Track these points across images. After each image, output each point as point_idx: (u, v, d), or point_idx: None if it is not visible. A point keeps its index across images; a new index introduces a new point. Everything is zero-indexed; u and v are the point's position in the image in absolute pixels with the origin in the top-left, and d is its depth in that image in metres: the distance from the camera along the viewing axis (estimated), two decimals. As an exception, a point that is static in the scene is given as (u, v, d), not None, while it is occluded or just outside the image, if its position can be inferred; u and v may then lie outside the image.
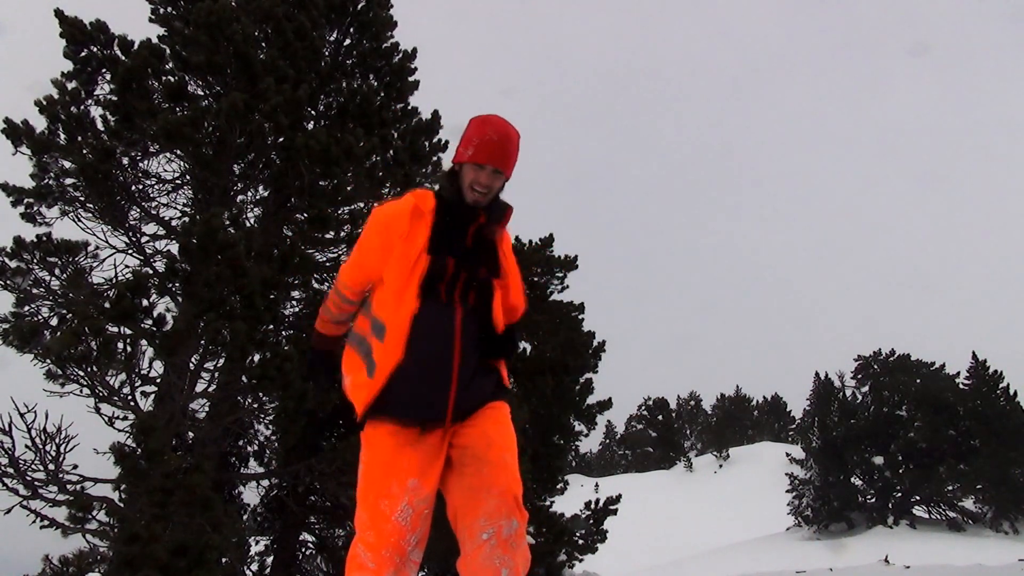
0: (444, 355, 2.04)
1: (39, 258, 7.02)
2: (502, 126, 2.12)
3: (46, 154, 7.10)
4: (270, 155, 7.57)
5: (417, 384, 2.03)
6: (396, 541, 1.94)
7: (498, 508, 1.95)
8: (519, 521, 1.98)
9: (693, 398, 66.29)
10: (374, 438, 2.07)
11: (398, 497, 1.97)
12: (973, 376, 30.38)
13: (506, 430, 2.11)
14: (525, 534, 2.03)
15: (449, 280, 2.07)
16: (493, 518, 1.94)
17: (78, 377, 6.05)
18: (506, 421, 2.14)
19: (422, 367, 2.03)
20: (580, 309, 13.15)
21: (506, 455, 2.05)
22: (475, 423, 2.07)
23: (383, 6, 9.26)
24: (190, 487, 5.25)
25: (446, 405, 2.03)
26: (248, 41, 7.15)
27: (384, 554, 1.94)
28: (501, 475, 2.00)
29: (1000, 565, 14.24)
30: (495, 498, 1.96)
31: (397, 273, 2.07)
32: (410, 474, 1.99)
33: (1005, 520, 26.96)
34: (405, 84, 9.31)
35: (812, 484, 30.51)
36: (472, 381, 2.08)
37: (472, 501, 1.98)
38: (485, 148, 2.08)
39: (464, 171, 2.12)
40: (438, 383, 2.03)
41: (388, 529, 1.95)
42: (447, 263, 2.06)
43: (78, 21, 7.34)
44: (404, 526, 1.95)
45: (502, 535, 1.93)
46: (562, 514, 11.33)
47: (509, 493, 1.97)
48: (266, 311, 5.91)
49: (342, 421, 8.45)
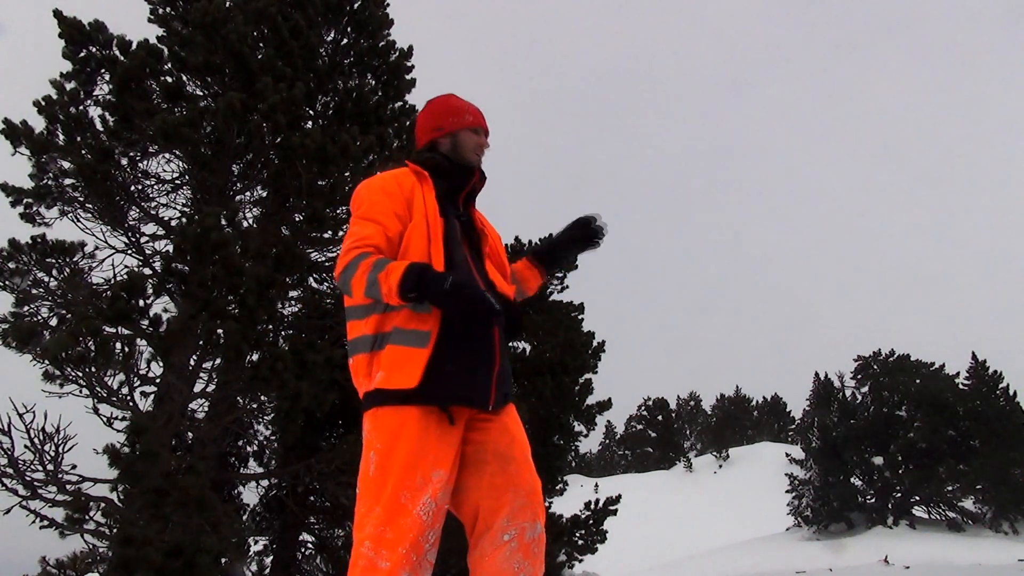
0: (484, 327, 1.92)
1: (36, 259, 7.02)
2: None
3: (45, 154, 7.10)
4: (268, 155, 7.57)
5: (462, 361, 1.88)
6: (416, 538, 1.77)
7: (523, 508, 1.87)
8: (542, 524, 1.91)
9: (693, 398, 66.27)
10: (393, 423, 1.85)
11: (421, 490, 1.79)
12: (973, 376, 30.35)
13: (521, 427, 2.04)
14: (545, 540, 1.93)
15: (463, 244, 2.04)
16: (517, 519, 1.86)
17: (76, 377, 6.05)
18: (518, 418, 2.07)
19: (469, 340, 1.90)
20: (580, 309, 13.14)
21: (527, 452, 1.98)
22: (491, 416, 1.97)
23: (379, 5, 9.27)
24: (184, 488, 5.24)
25: (489, 386, 1.92)
26: (243, 41, 7.15)
27: (401, 551, 1.75)
28: (528, 473, 1.92)
29: (1000, 565, 14.26)
30: (521, 497, 1.88)
31: (419, 235, 1.95)
32: (436, 465, 1.83)
33: (1005, 520, 26.92)
34: (402, 82, 9.32)
35: (812, 484, 30.46)
36: (505, 358, 2.00)
37: (496, 501, 1.87)
38: (476, 114, 2.24)
39: (462, 137, 2.21)
40: (482, 360, 1.92)
41: (407, 524, 1.77)
42: (456, 225, 2.05)
43: (77, 21, 7.34)
44: (425, 521, 1.79)
45: (524, 538, 1.85)
46: (561, 514, 11.34)
47: (535, 493, 1.91)
48: (260, 310, 5.90)
49: (341, 421, 8.45)
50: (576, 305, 13.15)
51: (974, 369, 30.38)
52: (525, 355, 11.08)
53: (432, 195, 2.05)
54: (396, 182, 2.05)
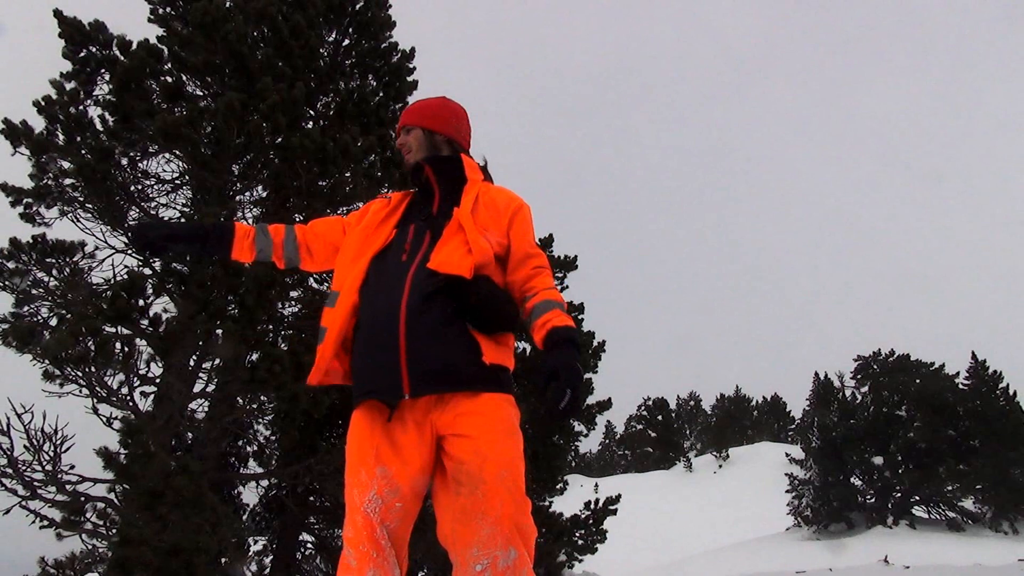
0: (390, 310, 1.86)
1: (37, 258, 7.01)
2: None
3: (45, 154, 7.09)
4: (268, 155, 7.57)
5: (369, 349, 1.90)
6: (370, 535, 1.76)
7: (492, 537, 1.73)
8: (518, 550, 1.75)
9: (693, 398, 66.21)
10: (352, 422, 1.92)
11: (367, 486, 1.79)
12: (973, 376, 30.36)
13: (505, 442, 1.83)
14: (528, 561, 1.79)
15: (411, 243, 2.01)
16: (488, 547, 1.73)
17: (76, 377, 6.05)
18: (505, 429, 1.85)
19: (370, 328, 1.91)
20: (580, 309, 13.12)
21: (504, 472, 1.78)
22: (466, 431, 1.81)
23: (381, 6, 9.27)
24: (180, 488, 5.24)
25: (398, 374, 1.82)
26: (243, 41, 7.15)
27: (362, 549, 1.75)
28: (497, 499, 1.75)
29: (999, 565, 14.25)
30: (489, 526, 1.73)
31: (357, 243, 2.07)
32: (381, 461, 1.81)
33: (1004, 520, 26.92)
34: (403, 84, 9.32)
35: (812, 484, 30.46)
36: (431, 340, 1.83)
37: (465, 527, 1.76)
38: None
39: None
40: (386, 344, 1.84)
41: (360, 521, 1.78)
42: (408, 229, 2.05)
43: (77, 21, 7.34)
44: (373, 518, 1.77)
45: (497, 567, 1.72)
46: (561, 514, 11.34)
47: (506, 520, 1.74)
48: (258, 309, 5.90)
49: (341, 421, 8.45)
50: (576, 305, 13.13)
51: (974, 369, 30.39)
52: (525, 355, 11.07)
53: (401, 210, 2.16)
54: (378, 202, 2.23)
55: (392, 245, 2.04)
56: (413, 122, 2.24)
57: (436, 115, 2.25)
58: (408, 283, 1.89)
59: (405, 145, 2.23)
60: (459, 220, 2.00)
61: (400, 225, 2.09)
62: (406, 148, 2.23)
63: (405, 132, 2.24)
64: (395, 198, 2.23)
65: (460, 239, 1.96)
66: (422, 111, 2.26)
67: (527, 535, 1.80)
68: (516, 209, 2.11)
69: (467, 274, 1.89)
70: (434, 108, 2.27)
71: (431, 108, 2.27)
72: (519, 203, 2.14)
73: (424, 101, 2.31)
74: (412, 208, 2.17)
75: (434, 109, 2.27)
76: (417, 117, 2.24)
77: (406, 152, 2.23)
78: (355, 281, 1.98)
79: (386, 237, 2.05)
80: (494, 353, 1.89)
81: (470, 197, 2.08)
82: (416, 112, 2.26)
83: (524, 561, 1.77)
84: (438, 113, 2.26)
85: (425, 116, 2.24)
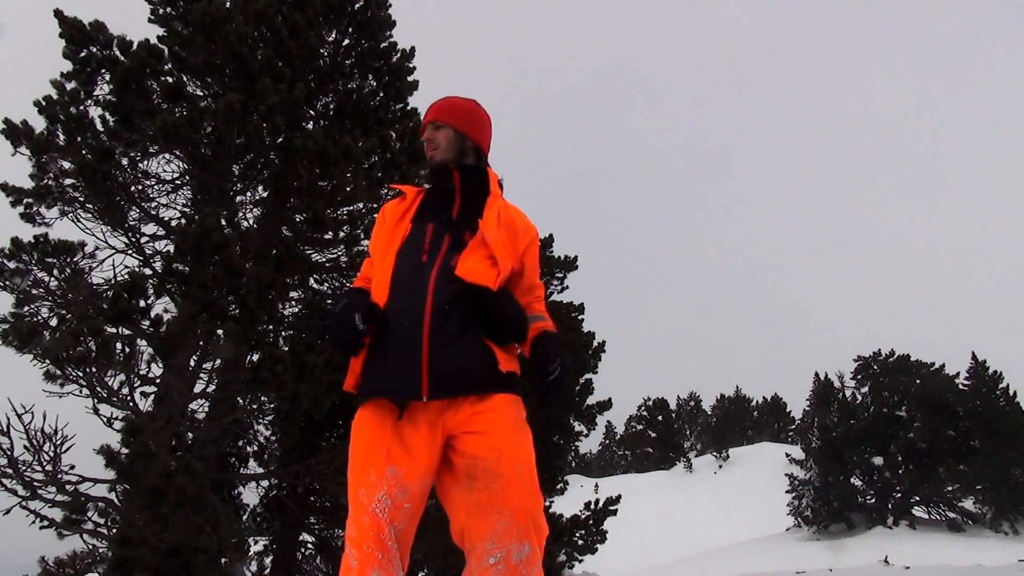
0: (415, 312, 1.90)
1: (37, 259, 7.02)
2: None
3: (45, 154, 7.09)
4: (269, 155, 7.57)
5: (390, 349, 1.91)
6: (376, 535, 1.76)
7: (508, 530, 1.76)
8: (532, 544, 1.78)
9: (693, 398, 66.22)
10: (357, 421, 1.94)
11: (376, 486, 1.80)
12: (973, 376, 30.38)
13: (518, 437, 1.90)
14: (540, 558, 1.82)
15: (431, 243, 2.03)
16: (502, 540, 1.75)
17: (77, 377, 6.05)
18: (517, 425, 1.92)
19: (394, 329, 1.92)
20: (580, 310, 13.13)
21: (520, 466, 1.84)
22: (480, 427, 1.86)
23: (381, 6, 9.26)
24: (180, 488, 5.24)
25: (418, 376, 1.85)
26: (242, 41, 7.14)
27: (366, 549, 1.76)
28: (514, 492, 1.79)
29: (999, 565, 14.25)
30: (506, 518, 1.76)
31: (383, 244, 2.11)
32: (391, 461, 1.83)
33: (1005, 520, 26.94)
34: (404, 84, 9.30)
35: (812, 484, 30.48)
36: (453, 346, 1.89)
37: (480, 520, 1.78)
38: (427, 111, 2.27)
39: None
40: (409, 346, 1.88)
41: (367, 522, 1.78)
42: (427, 228, 2.07)
43: (77, 21, 7.33)
44: (382, 518, 1.77)
45: (511, 561, 1.74)
46: (561, 514, 11.34)
47: (523, 513, 1.78)
48: (259, 310, 5.90)
49: (341, 421, 8.45)
50: (576, 305, 13.14)
51: (974, 369, 30.42)
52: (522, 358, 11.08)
53: (415, 206, 2.18)
54: (393, 202, 2.24)
55: (410, 241, 2.07)
56: (445, 120, 2.22)
57: (469, 120, 2.24)
58: (431, 286, 1.94)
59: (432, 141, 2.21)
60: (483, 233, 2.05)
61: (416, 221, 2.12)
62: (432, 144, 2.21)
63: (434, 127, 2.22)
64: (410, 194, 2.24)
65: (484, 252, 2.03)
66: (456, 111, 2.24)
67: (541, 531, 1.84)
68: (532, 239, 2.22)
69: (493, 286, 1.98)
70: (468, 111, 2.26)
71: (466, 110, 2.26)
72: (534, 233, 2.24)
73: (457, 100, 2.28)
74: (426, 206, 2.18)
75: (468, 113, 2.26)
76: (450, 115, 2.22)
77: (431, 148, 2.21)
78: (383, 283, 2.03)
79: (403, 233, 2.10)
80: (507, 362, 1.99)
81: (493, 211, 2.13)
82: (449, 110, 2.24)
83: (536, 557, 1.80)
84: (471, 118, 2.25)
85: (458, 117, 2.23)
